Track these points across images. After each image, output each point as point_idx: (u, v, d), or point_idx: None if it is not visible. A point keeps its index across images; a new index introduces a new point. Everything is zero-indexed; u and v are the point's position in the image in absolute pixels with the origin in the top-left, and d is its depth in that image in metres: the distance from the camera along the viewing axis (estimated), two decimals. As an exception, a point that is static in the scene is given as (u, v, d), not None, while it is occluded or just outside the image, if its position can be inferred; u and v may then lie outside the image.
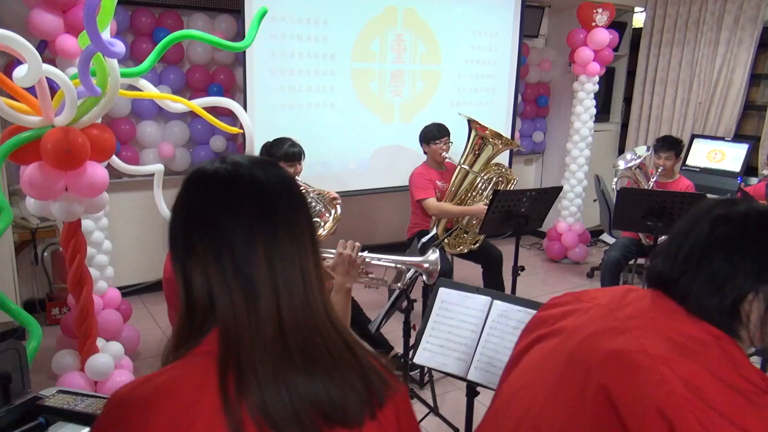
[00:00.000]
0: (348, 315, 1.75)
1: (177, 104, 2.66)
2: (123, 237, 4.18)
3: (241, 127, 2.84)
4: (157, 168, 2.87)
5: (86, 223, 3.14)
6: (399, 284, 1.99)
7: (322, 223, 3.15)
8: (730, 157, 5.10)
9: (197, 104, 2.65)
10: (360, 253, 1.78)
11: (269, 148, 3.25)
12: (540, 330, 1.10)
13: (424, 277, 1.90)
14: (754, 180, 4.75)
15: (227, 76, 4.29)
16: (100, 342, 2.86)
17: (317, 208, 3.18)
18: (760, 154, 4.95)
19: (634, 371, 0.87)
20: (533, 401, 1.01)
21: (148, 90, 2.62)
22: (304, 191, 3.15)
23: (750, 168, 5.06)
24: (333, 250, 1.81)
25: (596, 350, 0.93)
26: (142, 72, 2.42)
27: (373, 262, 1.85)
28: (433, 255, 1.89)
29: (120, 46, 2.03)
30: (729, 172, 5.05)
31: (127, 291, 4.20)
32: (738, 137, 5.24)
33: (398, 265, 1.92)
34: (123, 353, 2.93)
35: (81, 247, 2.63)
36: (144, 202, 4.10)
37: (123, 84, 2.47)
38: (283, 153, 3.18)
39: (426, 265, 1.87)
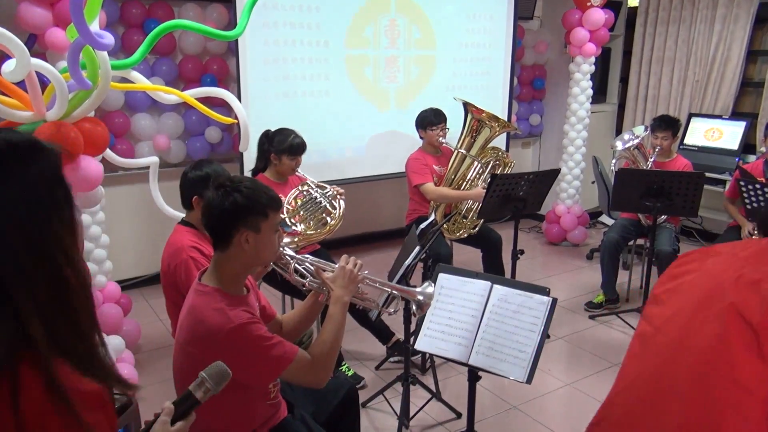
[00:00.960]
0: (343, 327, 1.76)
1: (170, 95, 2.64)
2: (121, 231, 4.16)
3: (236, 118, 2.82)
4: (152, 160, 2.85)
5: (83, 218, 3.13)
6: (390, 309, 2.01)
7: (329, 219, 3.14)
8: (727, 134, 5.08)
9: (190, 95, 2.63)
10: (360, 272, 1.81)
11: (271, 138, 3.21)
12: (674, 281, 1.47)
13: (414, 307, 1.94)
14: (752, 158, 4.74)
15: (220, 66, 4.26)
16: (100, 336, 2.85)
17: (322, 203, 3.16)
18: (757, 132, 4.92)
19: (754, 286, 1.25)
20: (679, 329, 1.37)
21: (140, 82, 2.60)
22: (306, 186, 3.16)
23: (748, 145, 5.03)
24: (333, 265, 1.82)
25: (724, 279, 1.30)
26: (133, 63, 2.39)
27: (369, 283, 1.87)
28: (429, 289, 1.92)
29: (109, 38, 2.00)
30: (727, 150, 5.03)
31: (127, 284, 4.19)
32: (735, 115, 5.22)
33: (393, 291, 1.94)
34: (124, 347, 2.93)
35: (78, 242, 2.61)
36: (140, 195, 4.09)
37: (114, 76, 2.45)
38: (288, 145, 3.15)
39: (419, 297, 1.91)
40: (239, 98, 3.92)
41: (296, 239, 3.04)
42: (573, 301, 4.20)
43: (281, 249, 1.80)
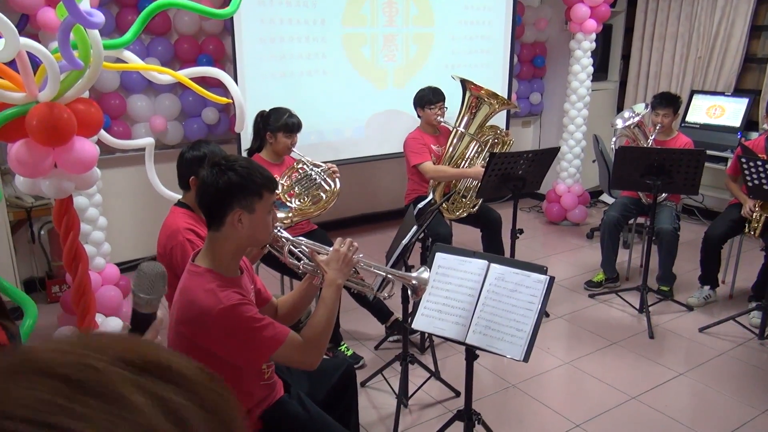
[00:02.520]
0: (336, 309, 1.74)
1: (163, 75, 2.60)
2: (119, 213, 4.16)
3: (231, 97, 2.78)
4: (147, 142, 2.83)
5: (80, 200, 3.11)
6: (384, 293, 1.98)
7: (323, 196, 3.12)
8: (729, 111, 5.04)
9: (184, 75, 2.59)
10: (355, 255, 1.79)
11: (266, 117, 3.19)
12: None
13: (409, 292, 1.92)
14: (754, 135, 4.69)
15: (216, 46, 4.21)
16: (99, 318, 2.86)
17: (317, 181, 3.14)
18: (760, 108, 4.87)
19: None
20: None
21: (133, 62, 2.56)
22: (301, 164, 3.14)
23: (750, 122, 4.99)
24: (328, 248, 1.80)
25: None
26: (126, 43, 2.35)
27: (364, 267, 1.86)
28: (425, 274, 1.89)
29: (99, 16, 1.96)
30: (729, 127, 4.98)
31: (127, 267, 4.19)
32: (738, 91, 5.16)
33: (388, 275, 1.91)
34: (122, 328, 2.94)
35: (74, 223, 2.60)
36: (138, 176, 4.07)
37: (108, 57, 2.41)
38: (283, 124, 3.14)
39: (414, 282, 1.88)
40: (235, 78, 3.88)
41: (290, 214, 3.03)
42: (573, 280, 4.20)
43: (276, 231, 1.78)
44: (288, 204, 3.04)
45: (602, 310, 3.80)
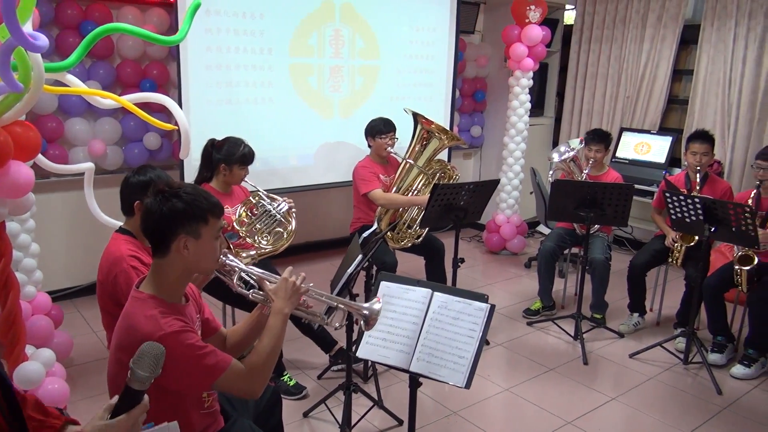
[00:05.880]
0: (282, 338, 1.73)
1: (106, 100, 2.57)
2: (52, 239, 4.00)
3: (176, 124, 2.76)
4: (87, 166, 2.76)
5: (11, 226, 2.99)
6: (336, 323, 1.99)
7: (285, 234, 3.14)
8: (655, 148, 5.37)
9: (128, 100, 2.56)
10: (305, 285, 1.79)
11: (219, 147, 3.16)
12: None
13: (361, 323, 1.92)
14: (677, 170, 5.01)
15: (160, 72, 4.16)
16: (29, 349, 2.73)
17: (277, 217, 3.15)
18: (683, 146, 5.21)
19: None
20: None
21: (75, 85, 2.52)
22: (257, 197, 3.13)
23: (674, 159, 5.33)
24: (277, 276, 1.80)
25: None
26: (68, 67, 2.31)
27: (315, 296, 1.86)
28: (377, 305, 1.90)
29: (43, 40, 1.93)
30: (655, 163, 5.30)
31: (59, 295, 4.03)
32: (663, 130, 5.51)
33: (339, 305, 1.92)
34: (54, 360, 2.81)
35: (5, 250, 2.49)
36: (74, 202, 3.95)
37: (48, 79, 2.36)
38: (241, 155, 3.14)
39: (365, 312, 1.88)
40: (180, 104, 3.85)
41: (252, 253, 3.03)
42: (512, 309, 4.32)
43: (225, 258, 1.77)
44: (248, 240, 3.05)
45: (539, 338, 3.92)
